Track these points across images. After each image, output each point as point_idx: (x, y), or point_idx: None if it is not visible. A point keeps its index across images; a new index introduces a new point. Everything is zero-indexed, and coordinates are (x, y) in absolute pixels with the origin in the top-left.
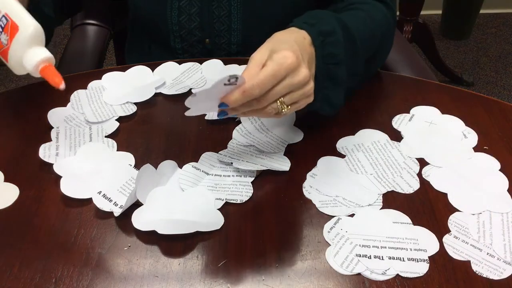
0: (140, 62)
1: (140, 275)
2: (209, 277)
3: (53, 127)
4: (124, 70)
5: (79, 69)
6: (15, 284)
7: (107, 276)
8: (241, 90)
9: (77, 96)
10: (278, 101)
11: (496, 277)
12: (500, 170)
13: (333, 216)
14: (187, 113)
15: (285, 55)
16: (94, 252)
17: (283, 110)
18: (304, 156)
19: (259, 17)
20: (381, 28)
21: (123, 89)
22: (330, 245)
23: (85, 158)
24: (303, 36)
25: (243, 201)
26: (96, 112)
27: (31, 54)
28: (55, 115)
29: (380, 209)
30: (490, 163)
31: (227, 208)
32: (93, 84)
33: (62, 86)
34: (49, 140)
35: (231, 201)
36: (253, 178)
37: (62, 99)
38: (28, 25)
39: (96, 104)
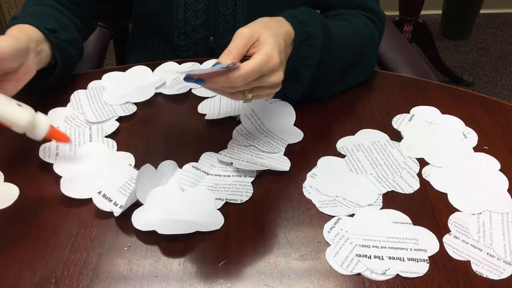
0: (142, 60)
1: (140, 275)
2: (209, 277)
3: None
4: (124, 70)
5: (79, 69)
6: (15, 284)
7: (107, 276)
8: (226, 76)
9: (77, 96)
10: (246, 91)
11: (496, 277)
12: (500, 170)
13: (333, 216)
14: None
15: (273, 54)
16: (94, 252)
17: (246, 100)
18: (304, 156)
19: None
20: (363, 45)
21: (123, 89)
22: (330, 245)
23: (85, 158)
24: (289, 34)
25: (243, 201)
26: (96, 112)
27: (33, 133)
28: (55, 115)
29: (380, 209)
30: (490, 163)
31: (227, 208)
32: (93, 84)
33: (69, 142)
34: (49, 140)
35: (231, 201)
36: (253, 178)
37: (62, 99)
38: (19, 123)
39: (96, 104)
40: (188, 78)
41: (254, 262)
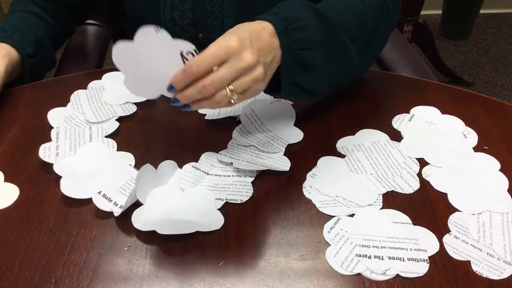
0: None
1: (140, 275)
2: (209, 277)
3: (53, 127)
4: None
5: (79, 69)
6: (15, 284)
7: (107, 276)
8: (182, 69)
9: (77, 96)
10: (227, 88)
11: (496, 277)
12: (500, 170)
13: (333, 216)
14: (125, 84)
15: (228, 38)
16: (94, 252)
17: (234, 98)
18: (304, 156)
19: (251, 11)
20: (374, 12)
21: (123, 89)
22: (330, 245)
23: (85, 158)
24: (262, 27)
25: (243, 201)
26: (96, 112)
27: None
28: (55, 115)
29: (380, 209)
30: (490, 163)
31: (227, 208)
32: (93, 84)
33: None
34: (49, 140)
35: (231, 201)
36: (253, 178)
37: (62, 99)
38: None
39: (96, 104)
40: (175, 101)
41: (254, 262)
